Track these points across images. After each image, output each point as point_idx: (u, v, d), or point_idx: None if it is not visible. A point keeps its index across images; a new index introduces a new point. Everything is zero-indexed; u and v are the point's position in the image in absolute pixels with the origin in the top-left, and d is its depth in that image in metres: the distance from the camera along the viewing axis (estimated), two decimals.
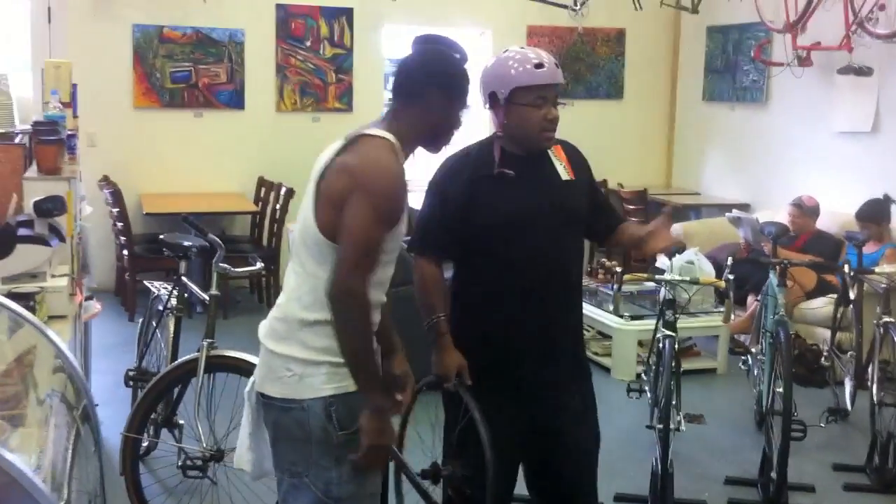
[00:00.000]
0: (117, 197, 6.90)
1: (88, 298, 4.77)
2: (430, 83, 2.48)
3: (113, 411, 4.53)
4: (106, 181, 7.17)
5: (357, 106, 8.34)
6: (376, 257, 2.34)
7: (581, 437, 3.03)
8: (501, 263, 2.90)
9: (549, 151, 2.94)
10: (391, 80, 2.56)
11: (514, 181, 2.86)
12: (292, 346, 2.40)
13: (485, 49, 8.75)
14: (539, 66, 2.80)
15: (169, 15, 7.80)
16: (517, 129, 2.85)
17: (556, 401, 2.97)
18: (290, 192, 7.17)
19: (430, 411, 3.30)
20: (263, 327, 2.51)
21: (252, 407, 2.54)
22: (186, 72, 7.87)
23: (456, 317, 2.95)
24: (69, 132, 3.49)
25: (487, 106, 2.90)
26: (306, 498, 2.43)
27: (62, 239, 3.12)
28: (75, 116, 4.20)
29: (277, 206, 7.32)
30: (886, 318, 4.59)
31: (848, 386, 5.21)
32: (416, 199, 2.81)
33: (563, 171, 2.93)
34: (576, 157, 3.02)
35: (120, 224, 6.93)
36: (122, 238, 6.95)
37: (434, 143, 2.56)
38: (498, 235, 2.88)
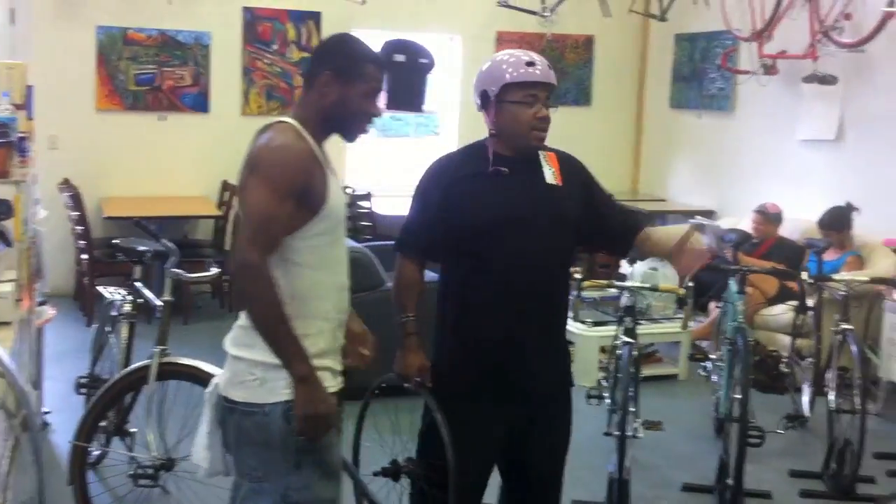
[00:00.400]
0: (76, 200, 6.82)
1: (42, 303, 4.71)
2: (323, 67, 2.46)
3: (66, 418, 4.47)
4: (66, 184, 7.09)
5: None
6: (277, 232, 2.32)
7: (556, 444, 3.02)
8: (482, 266, 2.88)
9: (541, 156, 2.90)
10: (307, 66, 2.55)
11: (498, 184, 2.86)
12: (255, 352, 2.39)
13: (455, 54, 8.75)
14: (530, 63, 2.81)
15: (134, 17, 7.72)
16: (507, 127, 2.84)
17: (537, 405, 2.94)
18: None
19: (390, 412, 3.33)
20: (228, 337, 2.50)
21: (212, 408, 2.53)
22: (151, 74, 7.80)
23: (440, 317, 2.97)
24: (21, 135, 3.42)
25: (479, 106, 2.91)
26: (265, 503, 2.43)
27: (8, 244, 3.07)
28: (30, 119, 4.12)
29: None
30: (844, 326, 4.60)
31: (807, 392, 5.23)
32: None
33: (551, 176, 2.89)
34: (569, 166, 2.97)
35: (79, 228, 6.85)
36: (82, 242, 6.87)
37: (342, 130, 2.52)
38: (478, 237, 2.87)
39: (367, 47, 2.53)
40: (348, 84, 2.44)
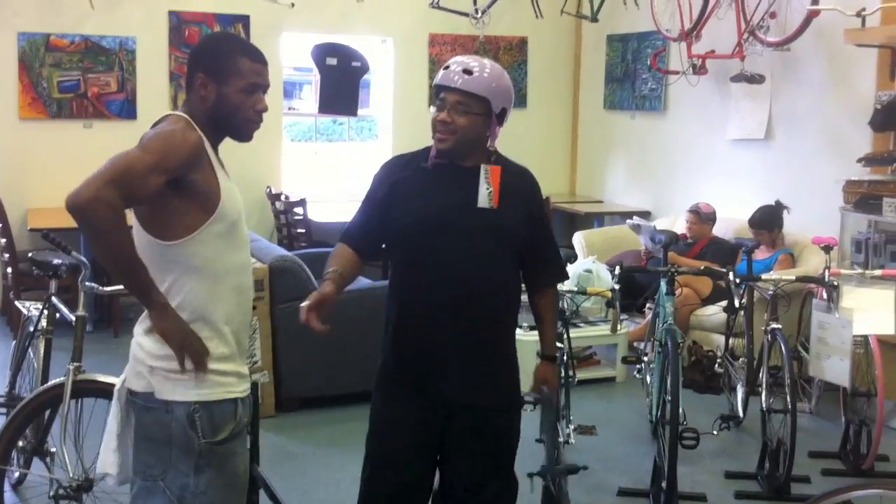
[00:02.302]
0: (0, 212, 6.63)
1: None
2: (194, 68, 2.43)
3: None
4: None
5: None
6: (137, 190, 2.22)
7: (484, 453, 2.93)
8: (408, 270, 2.89)
9: (482, 171, 2.83)
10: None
11: (431, 187, 2.84)
12: (163, 345, 2.35)
13: (387, 57, 8.68)
14: (446, 66, 2.82)
15: (56, 22, 7.52)
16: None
17: (460, 413, 2.89)
18: None
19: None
20: (139, 321, 2.46)
21: (121, 406, 2.47)
22: (75, 81, 7.61)
23: (387, 320, 2.96)
24: None
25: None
26: (158, 501, 2.38)
27: None
28: None
29: None
30: (774, 325, 4.62)
31: (740, 392, 5.25)
32: None
33: (486, 197, 2.81)
34: (517, 186, 2.89)
35: (3, 240, 6.65)
36: (6, 255, 6.67)
37: (230, 130, 2.46)
38: (403, 240, 2.87)
39: (239, 43, 2.50)
40: (223, 82, 2.40)
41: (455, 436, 2.92)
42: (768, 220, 6.21)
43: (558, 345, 4.06)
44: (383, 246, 2.97)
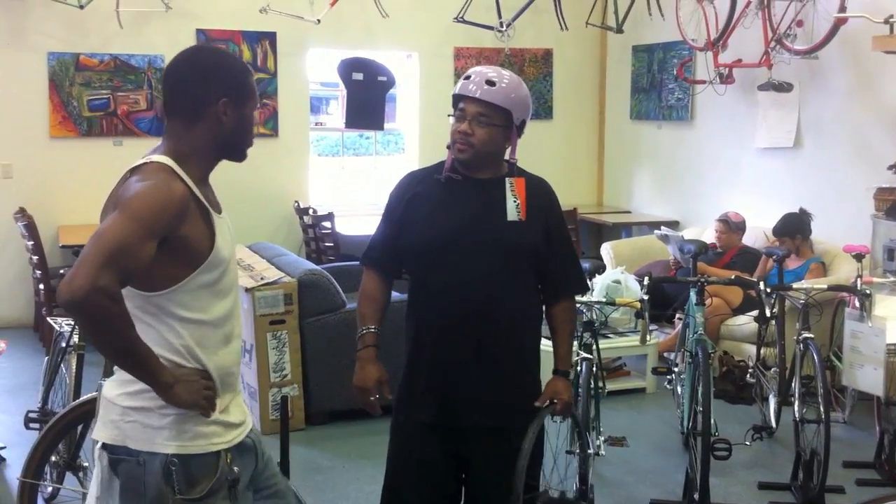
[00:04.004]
0: (31, 230, 6.70)
1: None
2: (216, 96, 2.24)
3: (21, 453, 4.34)
4: (21, 213, 6.96)
5: (283, 130, 8.23)
6: (131, 267, 2.04)
7: (503, 470, 2.86)
8: (431, 288, 2.85)
9: (507, 184, 2.81)
10: (170, 97, 2.29)
11: (450, 202, 2.81)
12: (136, 396, 2.21)
13: (412, 71, 8.71)
14: (466, 76, 2.79)
15: (86, 42, 7.62)
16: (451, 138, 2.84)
17: (477, 435, 2.85)
18: None
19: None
20: (107, 383, 2.30)
21: (102, 467, 2.26)
22: (105, 99, 7.69)
23: (406, 338, 2.94)
24: None
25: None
26: None
27: None
28: None
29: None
30: (805, 334, 4.57)
31: (772, 403, 5.19)
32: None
33: (514, 210, 2.79)
34: (538, 197, 2.86)
35: (35, 258, 6.72)
36: (38, 272, 6.74)
37: (235, 152, 2.35)
38: (421, 256, 2.84)
39: (241, 60, 2.41)
40: (243, 104, 2.29)
41: (476, 459, 2.88)
42: (791, 228, 6.15)
43: (586, 355, 4.06)
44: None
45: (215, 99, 2.24)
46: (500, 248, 2.79)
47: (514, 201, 2.81)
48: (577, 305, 4.18)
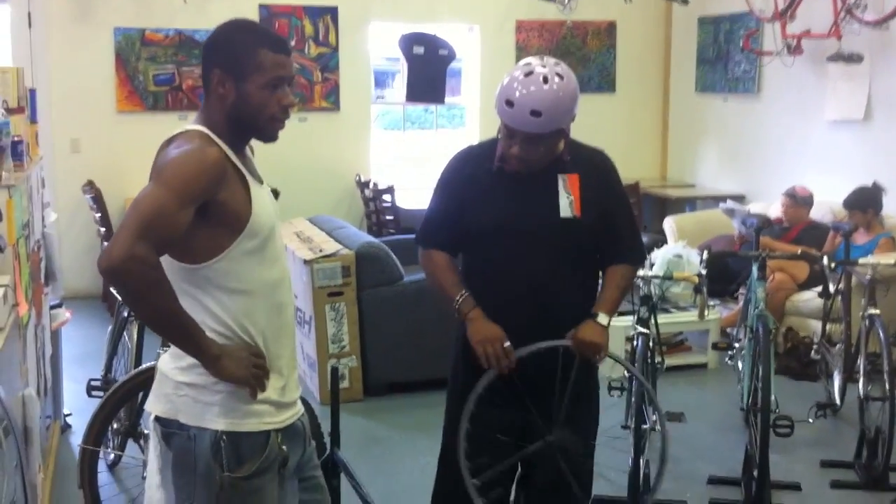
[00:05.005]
0: (99, 202, 6.84)
1: (57, 306, 4.70)
2: (210, 66, 2.18)
3: (85, 421, 4.44)
4: (90, 186, 7.10)
5: (344, 104, 8.25)
6: (169, 234, 2.04)
7: (572, 450, 2.87)
8: (487, 275, 2.83)
9: (560, 182, 2.76)
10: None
11: (507, 192, 2.76)
12: (186, 373, 2.19)
13: (474, 45, 8.66)
14: (509, 103, 2.64)
15: (150, 17, 7.72)
16: (500, 145, 2.77)
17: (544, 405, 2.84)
18: (275, 193, 7.01)
19: None
20: (163, 356, 2.30)
21: (158, 437, 2.27)
22: (170, 74, 7.79)
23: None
24: (15, 138, 3.39)
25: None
26: None
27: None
28: (34, 122, 4.10)
29: None
30: (871, 311, 4.46)
31: (837, 380, 5.09)
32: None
33: (567, 207, 2.75)
34: (596, 181, 2.80)
35: (103, 229, 6.86)
36: (106, 243, 6.87)
37: (255, 131, 2.23)
38: (481, 244, 2.82)
39: (256, 32, 2.21)
40: (243, 78, 2.16)
41: (532, 434, 2.87)
42: (863, 201, 5.98)
43: (643, 330, 4.01)
44: None
45: (208, 70, 2.19)
46: (559, 240, 2.77)
47: (568, 197, 2.76)
48: (634, 279, 4.15)
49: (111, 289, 4.76)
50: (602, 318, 2.80)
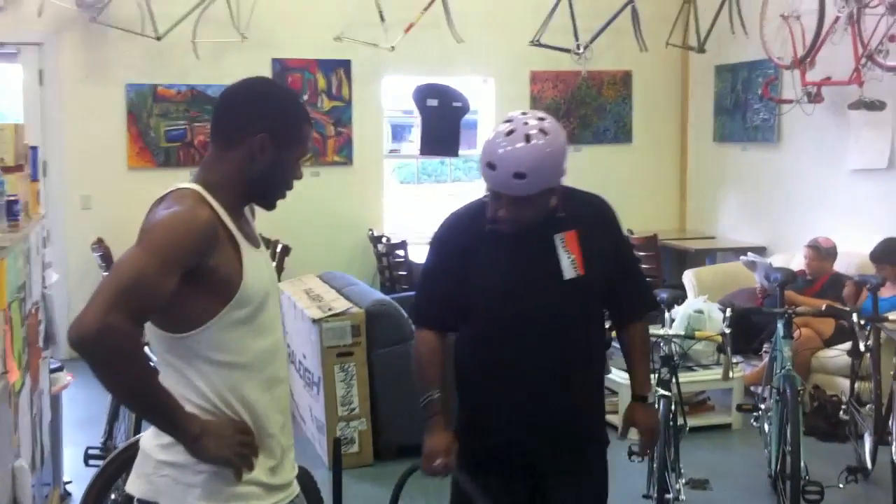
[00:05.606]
0: (108, 260, 6.74)
1: (58, 369, 4.56)
2: (255, 126, 2.08)
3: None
4: (99, 244, 7.02)
5: (357, 158, 8.17)
6: (149, 302, 1.91)
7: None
8: (493, 339, 2.68)
9: (557, 242, 2.60)
10: (214, 120, 2.18)
11: (506, 254, 2.62)
12: (169, 449, 2.05)
13: (488, 96, 8.59)
14: (490, 166, 2.47)
15: (163, 73, 7.69)
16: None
17: (553, 486, 2.70)
18: (286, 249, 6.98)
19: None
20: (145, 434, 2.15)
21: None
22: (182, 130, 7.75)
23: (456, 382, 2.78)
24: (10, 197, 3.29)
25: None
26: None
27: None
28: (34, 180, 4.01)
29: (273, 263, 7.15)
30: None
31: (868, 442, 4.87)
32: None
33: (570, 267, 2.60)
34: (596, 231, 2.66)
35: None
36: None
37: (266, 197, 2.16)
38: (484, 311, 2.67)
39: (303, 107, 2.19)
40: (285, 148, 2.10)
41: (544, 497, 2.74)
42: (891, 253, 5.81)
43: (664, 392, 3.83)
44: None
45: (254, 131, 2.08)
46: (565, 299, 2.62)
47: (569, 257, 2.60)
48: (655, 339, 3.98)
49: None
50: (651, 399, 2.76)
